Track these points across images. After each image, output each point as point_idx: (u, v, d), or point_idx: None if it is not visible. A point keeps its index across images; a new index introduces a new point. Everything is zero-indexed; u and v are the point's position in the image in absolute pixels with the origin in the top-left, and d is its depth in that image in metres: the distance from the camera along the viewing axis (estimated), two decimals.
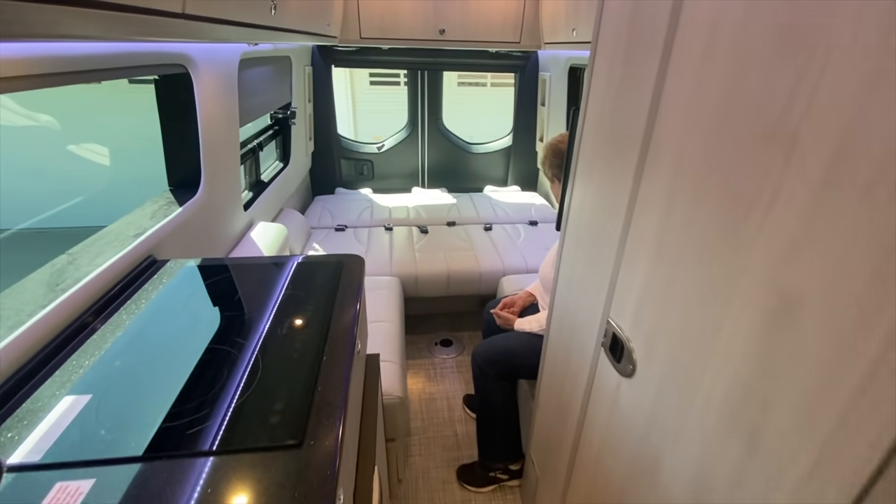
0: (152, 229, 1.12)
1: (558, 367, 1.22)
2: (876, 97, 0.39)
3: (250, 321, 0.88)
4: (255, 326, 0.86)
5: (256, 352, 0.79)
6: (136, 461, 0.58)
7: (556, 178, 1.49)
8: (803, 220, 0.46)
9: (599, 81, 0.93)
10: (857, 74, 0.41)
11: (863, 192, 0.40)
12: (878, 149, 0.39)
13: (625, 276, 0.85)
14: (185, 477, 0.56)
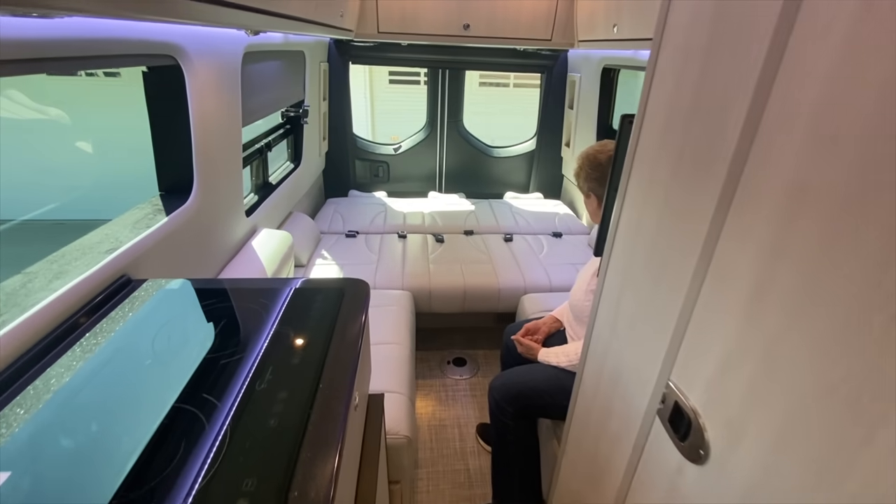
0: (129, 243, 0.98)
1: (593, 419, 1.04)
2: None
3: (230, 370, 0.72)
4: (234, 377, 0.70)
5: (231, 416, 0.63)
6: None
7: (594, 192, 1.30)
8: None
9: (665, 85, 0.75)
10: None
11: None
12: None
13: (696, 334, 0.66)
14: None
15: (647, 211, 0.80)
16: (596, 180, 1.28)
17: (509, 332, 1.69)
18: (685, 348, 0.69)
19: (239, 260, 1.49)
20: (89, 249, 0.95)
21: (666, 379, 0.73)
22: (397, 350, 1.60)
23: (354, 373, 0.75)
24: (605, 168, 1.27)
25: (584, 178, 1.32)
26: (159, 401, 0.66)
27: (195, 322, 0.84)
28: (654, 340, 0.77)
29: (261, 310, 0.87)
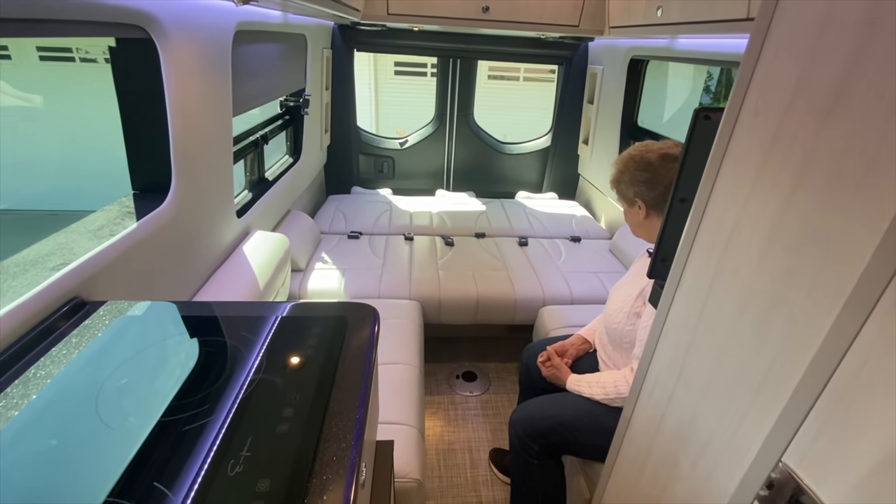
0: (84, 257, 0.80)
1: (647, 479, 0.86)
2: None
3: (191, 440, 0.53)
4: (195, 452, 0.52)
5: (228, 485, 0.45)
6: None
7: (641, 198, 1.11)
8: None
9: (782, 70, 0.56)
10: None
11: None
12: None
13: (839, 407, 0.48)
14: None
15: (746, 230, 0.62)
16: (645, 183, 1.09)
17: (529, 352, 1.51)
18: (816, 422, 0.51)
19: (227, 269, 1.30)
20: (33, 265, 0.77)
21: (776, 458, 0.55)
22: (405, 372, 1.42)
23: (362, 438, 0.56)
24: (656, 168, 1.08)
25: (628, 182, 1.13)
26: (95, 489, 0.48)
27: (159, 364, 0.66)
28: (757, 400, 0.59)
29: (242, 347, 0.69)
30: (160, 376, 0.64)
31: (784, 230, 0.55)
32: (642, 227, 1.16)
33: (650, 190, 1.10)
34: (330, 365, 0.65)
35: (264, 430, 0.55)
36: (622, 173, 1.16)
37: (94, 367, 0.64)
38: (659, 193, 1.10)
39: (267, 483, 0.48)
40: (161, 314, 0.78)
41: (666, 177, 1.08)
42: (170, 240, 1.05)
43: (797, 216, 0.53)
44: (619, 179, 1.16)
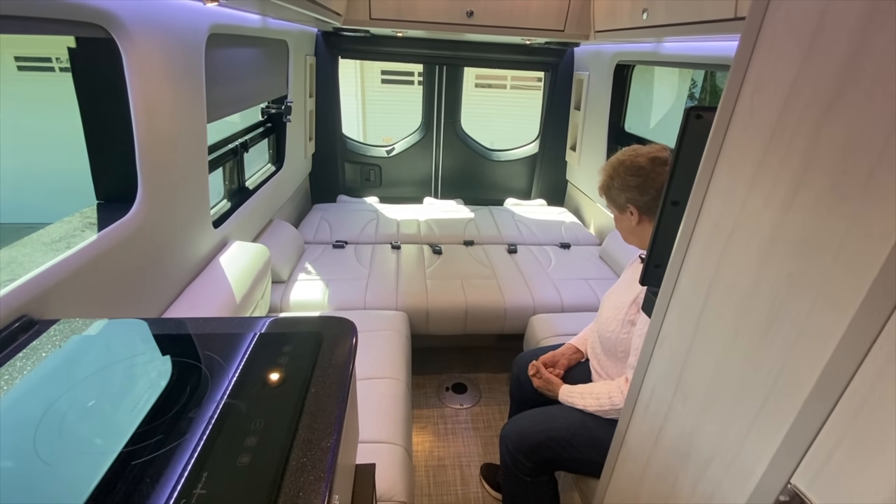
0: (35, 272, 0.73)
1: (644, 492, 0.81)
2: None
3: (139, 475, 0.47)
4: (142, 489, 0.46)
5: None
6: None
7: (633, 203, 1.08)
8: None
9: (773, 72, 0.53)
10: None
11: None
12: None
13: (853, 427, 0.44)
14: None
15: (744, 235, 0.58)
16: (637, 188, 1.06)
17: (519, 362, 1.47)
18: (827, 443, 0.46)
19: (201, 282, 1.24)
20: None
21: (784, 479, 0.51)
22: (391, 387, 1.36)
23: (334, 468, 0.51)
24: (647, 171, 1.05)
25: (619, 187, 1.09)
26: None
27: (111, 391, 0.60)
28: (761, 417, 0.55)
29: (211, 368, 0.63)
30: (115, 404, 0.57)
31: (786, 233, 0.51)
32: (634, 233, 1.13)
33: (642, 195, 1.07)
34: (300, 387, 0.60)
35: (224, 463, 0.49)
36: (612, 179, 1.12)
37: (39, 394, 0.58)
38: (651, 198, 1.06)
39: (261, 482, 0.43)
40: (122, 333, 0.71)
41: (657, 180, 1.05)
42: (136, 252, 0.99)
43: (800, 218, 0.50)
44: (609, 185, 1.13)
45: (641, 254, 1.18)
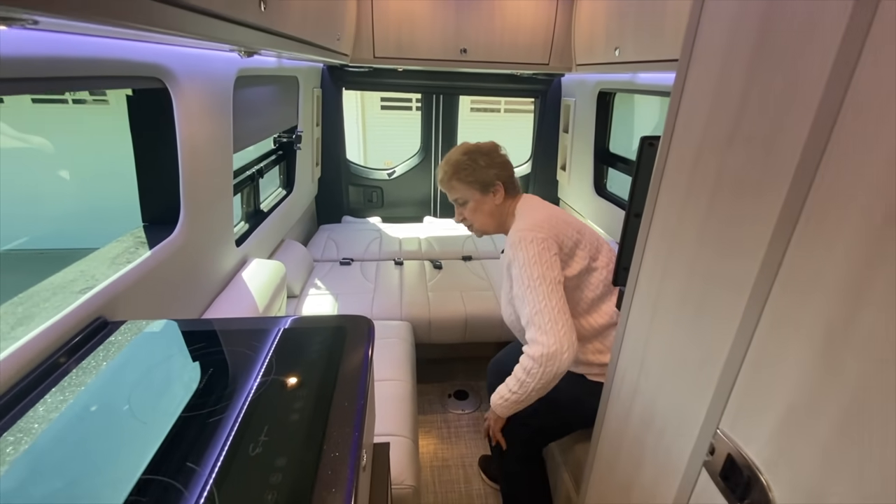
0: (106, 282, 0.88)
1: (621, 466, 0.94)
2: None
3: (212, 430, 0.62)
4: (215, 439, 0.60)
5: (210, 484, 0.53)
6: None
7: (500, 179, 1.22)
8: None
9: (697, 108, 0.70)
10: None
11: None
12: None
13: (753, 378, 0.59)
14: None
15: (680, 238, 0.74)
16: (501, 165, 1.21)
17: (494, 365, 1.61)
18: (739, 393, 0.61)
19: (228, 294, 1.39)
20: (61, 289, 0.85)
21: (714, 427, 0.65)
22: (399, 388, 1.50)
23: (362, 427, 0.65)
24: (502, 153, 1.25)
25: (485, 165, 1.19)
26: (133, 468, 0.55)
27: (177, 371, 0.75)
28: (697, 382, 0.69)
29: (252, 355, 0.78)
30: (184, 380, 0.72)
31: (707, 237, 0.67)
32: (494, 215, 1.22)
33: (504, 170, 1.20)
34: (333, 364, 0.74)
35: (279, 419, 0.63)
36: (474, 162, 1.18)
37: (123, 375, 0.72)
38: (510, 174, 1.23)
39: (284, 460, 0.57)
40: (179, 329, 0.86)
41: (503, 157, 1.25)
42: (178, 266, 1.14)
43: (715, 224, 0.65)
44: (473, 168, 1.18)
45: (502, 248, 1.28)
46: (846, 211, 0.46)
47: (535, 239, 1.09)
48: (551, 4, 1.99)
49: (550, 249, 1.09)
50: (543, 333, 1.04)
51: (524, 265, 1.08)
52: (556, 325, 1.04)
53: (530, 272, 1.07)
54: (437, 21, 1.99)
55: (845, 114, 0.46)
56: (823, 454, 0.48)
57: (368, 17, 1.96)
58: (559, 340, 1.03)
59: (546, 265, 1.07)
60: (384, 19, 1.98)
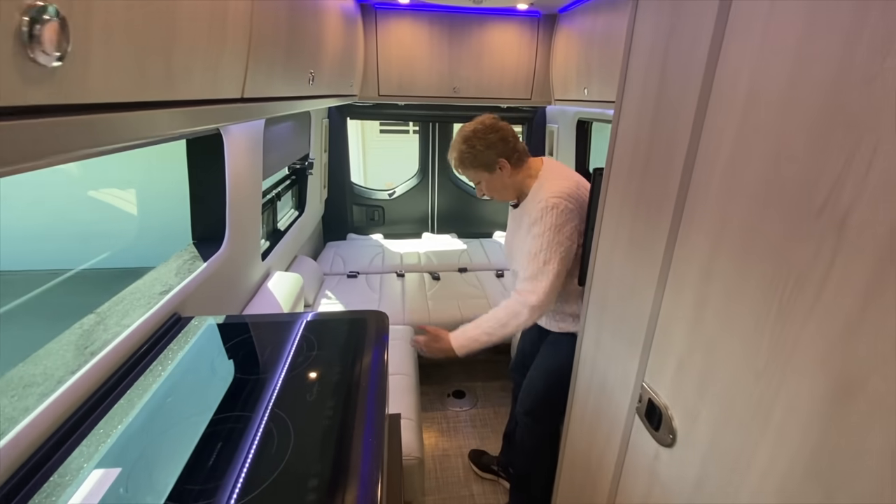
0: (178, 287, 1.13)
1: (587, 425, 1.18)
2: None
3: (277, 384, 0.86)
4: (285, 390, 0.84)
5: (288, 420, 0.77)
6: None
7: (503, 156, 1.27)
8: (860, 304, 0.46)
9: (626, 143, 0.96)
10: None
11: None
12: None
13: (661, 342, 0.84)
14: None
15: (617, 245, 1.00)
16: (500, 141, 1.25)
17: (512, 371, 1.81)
18: (654, 355, 0.86)
19: (258, 301, 1.63)
20: (146, 291, 1.09)
21: (641, 381, 0.90)
22: (404, 380, 1.73)
23: (385, 386, 0.89)
24: (498, 128, 1.27)
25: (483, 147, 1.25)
26: (208, 410, 0.79)
27: (243, 349, 0.99)
28: (629, 352, 0.94)
29: (294, 338, 1.02)
30: (247, 358, 0.96)
31: (634, 240, 0.93)
32: (508, 186, 1.30)
33: (506, 145, 1.25)
34: (360, 344, 0.99)
35: (322, 379, 0.88)
36: (472, 147, 1.25)
37: (201, 353, 0.96)
38: (511, 146, 1.26)
39: (332, 404, 0.81)
40: (236, 322, 1.10)
41: (507, 132, 1.27)
42: (224, 275, 1.38)
43: (641, 227, 0.91)
44: (474, 153, 1.25)
45: (512, 202, 1.38)
46: (701, 221, 0.71)
47: (566, 209, 1.21)
48: (531, 49, 2.30)
49: (573, 220, 1.22)
50: (543, 290, 1.22)
51: (549, 229, 1.20)
52: (554, 286, 1.23)
53: (551, 237, 1.20)
54: (433, 64, 2.29)
55: (699, 159, 0.72)
56: (696, 388, 0.73)
57: (374, 61, 2.26)
58: (550, 300, 1.23)
59: (566, 234, 1.22)
60: (387, 62, 2.28)
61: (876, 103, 0.45)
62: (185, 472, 0.67)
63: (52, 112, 0.39)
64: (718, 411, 0.68)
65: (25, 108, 0.36)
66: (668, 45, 0.79)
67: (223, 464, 0.68)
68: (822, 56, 0.50)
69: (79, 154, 0.46)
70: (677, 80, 0.76)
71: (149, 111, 0.50)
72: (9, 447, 0.65)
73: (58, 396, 0.73)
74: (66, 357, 0.82)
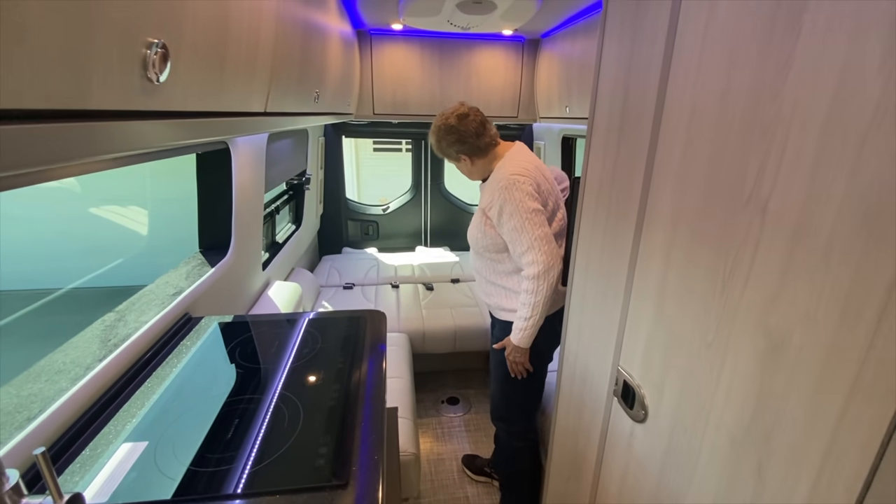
0: (189, 289, 1.21)
1: (572, 414, 1.26)
2: (820, 181, 0.51)
3: (284, 371, 0.94)
4: (292, 376, 0.92)
5: (296, 400, 0.85)
6: (209, 500, 0.63)
7: (462, 153, 1.43)
8: (780, 274, 0.56)
9: (598, 154, 1.08)
10: (810, 158, 0.53)
11: (827, 256, 0.51)
12: (829, 221, 0.50)
13: (631, 329, 0.93)
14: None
15: (593, 245, 1.10)
16: (457, 142, 1.42)
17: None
18: (626, 341, 0.95)
19: (259, 307, 1.70)
20: (158, 293, 1.17)
21: (617, 366, 0.99)
22: (400, 382, 1.80)
23: (384, 378, 0.98)
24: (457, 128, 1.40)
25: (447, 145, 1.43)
26: (222, 395, 0.87)
27: (251, 344, 1.07)
28: (606, 341, 1.03)
29: (298, 334, 1.10)
30: (255, 352, 1.04)
31: (606, 241, 1.03)
32: (472, 171, 1.49)
33: (463, 144, 1.40)
34: (362, 336, 1.07)
35: (326, 370, 0.96)
36: (439, 142, 1.45)
37: (213, 347, 1.04)
38: (471, 144, 1.40)
39: (336, 387, 0.89)
40: (243, 321, 1.18)
41: (468, 130, 1.38)
42: (229, 281, 1.46)
43: (611, 228, 1.01)
44: (439, 147, 1.46)
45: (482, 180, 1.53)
46: (660, 218, 0.82)
47: (526, 181, 1.33)
48: (517, 70, 2.46)
49: (533, 194, 1.34)
50: (542, 254, 1.32)
51: (519, 202, 1.31)
52: (549, 246, 1.33)
53: (524, 206, 1.31)
54: (425, 84, 2.43)
55: (656, 165, 0.83)
56: (661, 365, 0.82)
57: (369, 82, 2.39)
58: (552, 257, 1.32)
59: (535, 200, 1.33)
60: (382, 83, 2.41)
61: (781, 114, 0.56)
62: (205, 444, 0.74)
63: (159, 116, 0.52)
64: (680, 383, 0.77)
65: (143, 112, 0.49)
66: (630, 70, 0.91)
67: (240, 436, 0.76)
68: (742, 78, 0.61)
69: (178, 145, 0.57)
70: (637, 98, 0.88)
71: (214, 119, 0.61)
72: (46, 423, 0.72)
73: (88, 380, 0.80)
74: (92, 347, 0.89)
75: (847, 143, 0.48)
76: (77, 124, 0.44)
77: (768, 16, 0.57)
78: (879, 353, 0.46)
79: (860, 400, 0.47)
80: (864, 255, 0.47)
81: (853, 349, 0.48)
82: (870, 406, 0.46)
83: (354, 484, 0.67)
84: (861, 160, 0.47)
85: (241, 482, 0.67)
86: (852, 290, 0.48)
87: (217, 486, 0.66)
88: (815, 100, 0.51)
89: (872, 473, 0.46)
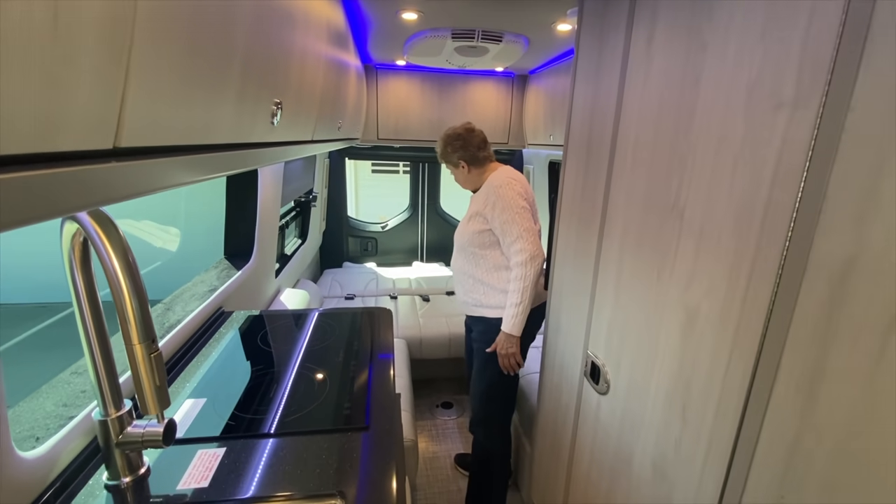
0: (222, 287, 1.40)
1: (553, 397, 1.44)
2: (714, 192, 0.72)
3: (301, 349, 1.12)
4: (310, 352, 1.11)
5: (318, 368, 1.03)
6: (256, 437, 0.81)
7: (462, 159, 1.62)
8: (693, 262, 0.77)
9: (571, 175, 1.30)
10: (707, 178, 0.74)
11: (719, 246, 0.72)
12: (718, 220, 0.71)
13: (597, 317, 1.14)
14: (292, 447, 0.79)
15: (567, 251, 1.31)
16: (461, 149, 1.62)
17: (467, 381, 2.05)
18: (593, 328, 1.15)
19: (273, 308, 1.88)
20: (195, 291, 1.36)
21: (586, 350, 1.19)
22: (399, 381, 1.97)
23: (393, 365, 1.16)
24: (463, 137, 1.62)
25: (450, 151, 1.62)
26: (241, 386, 1.05)
27: (282, 331, 1.25)
28: (579, 328, 1.23)
29: (318, 324, 1.29)
30: (286, 337, 1.22)
31: (577, 247, 1.24)
32: (468, 180, 1.66)
33: (465, 152, 1.61)
34: (370, 327, 1.26)
35: (347, 349, 1.14)
36: (444, 147, 1.65)
37: (246, 334, 1.22)
38: (471, 154, 1.60)
39: (354, 363, 1.07)
40: (270, 314, 1.36)
41: (472, 141, 1.60)
42: (251, 283, 1.65)
43: (581, 238, 1.23)
44: (444, 152, 1.66)
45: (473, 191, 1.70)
46: (615, 227, 1.04)
47: (517, 184, 1.54)
48: (507, 102, 2.73)
49: (523, 191, 1.54)
50: (529, 243, 1.50)
51: (511, 199, 1.50)
52: (535, 238, 1.53)
53: (515, 203, 1.51)
54: (424, 113, 2.69)
55: (612, 184, 1.05)
56: (618, 344, 1.02)
57: (374, 110, 2.64)
58: (537, 248, 1.51)
59: (525, 200, 1.53)
60: (386, 111, 2.66)
61: (690, 146, 0.78)
62: (243, 400, 0.93)
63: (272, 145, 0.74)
64: (631, 357, 0.97)
65: (269, 143, 0.71)
66: (594, 108, 1.14)
67: (270, 394, 0.94)
68: (667, 118, 0.84)
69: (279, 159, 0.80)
70: (599, 131, 1.11)
71: (287, 146, 0.84)
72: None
73: None
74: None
75: (726, 166, 0.70)
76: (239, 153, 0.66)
77: (680, 76, 0.80)
78: (747, 320, 0.66)
79: (736, 355, 0.68)
80: (738, 242, 0.68)
81: (733, 316, 0.68)
82: (742, 359, 0.67)
83: (375, 427, 0.85)
84: (735, 178, 0.69)
85: (286, 427, 0.85)
86: (732, 269, 0.69)
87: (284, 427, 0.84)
88: (708, 137, 0.74)
89: (745, 407, 0.66)
